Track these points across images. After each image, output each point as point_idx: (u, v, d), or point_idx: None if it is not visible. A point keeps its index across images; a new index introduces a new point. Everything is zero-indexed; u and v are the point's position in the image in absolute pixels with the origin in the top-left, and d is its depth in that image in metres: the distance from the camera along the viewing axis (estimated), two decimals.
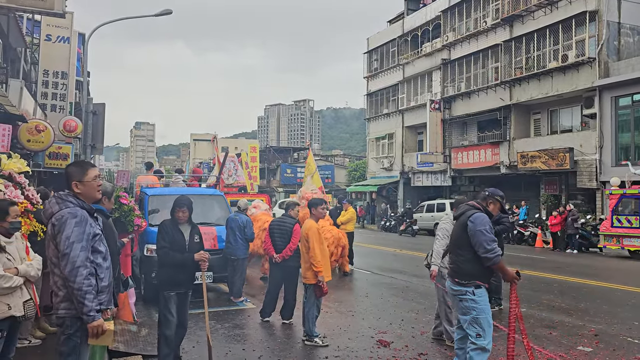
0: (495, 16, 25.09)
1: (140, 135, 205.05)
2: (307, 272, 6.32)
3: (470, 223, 4.63)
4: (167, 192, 9.97)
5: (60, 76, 15.97)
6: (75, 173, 3.30)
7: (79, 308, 3.08)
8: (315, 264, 6.19)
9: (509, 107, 24.30)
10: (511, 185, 25.33)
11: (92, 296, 3.09)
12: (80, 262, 3.07)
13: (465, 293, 4.61)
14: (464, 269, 4.66)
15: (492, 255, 4.49)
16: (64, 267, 3.08)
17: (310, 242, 6.26)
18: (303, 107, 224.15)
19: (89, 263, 3.13)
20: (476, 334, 4.55)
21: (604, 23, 20.12)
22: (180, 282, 5.22)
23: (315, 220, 6.58)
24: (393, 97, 33.84)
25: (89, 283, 3.08)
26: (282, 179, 51.56)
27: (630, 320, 7.50)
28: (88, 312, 3.06)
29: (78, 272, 3.06)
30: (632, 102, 19.38)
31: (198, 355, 5.82)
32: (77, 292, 3.05)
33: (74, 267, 3.06)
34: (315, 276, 6.22)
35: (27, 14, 15.69)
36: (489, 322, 4.58)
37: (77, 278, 3.05)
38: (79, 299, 3.06)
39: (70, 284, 3.06)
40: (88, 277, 3.09)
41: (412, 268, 12.88)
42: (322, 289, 6.26)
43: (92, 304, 3.07)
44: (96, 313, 3.10)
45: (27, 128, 12.31)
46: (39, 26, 16.65)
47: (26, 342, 5.52)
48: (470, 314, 4.59)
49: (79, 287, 3.05)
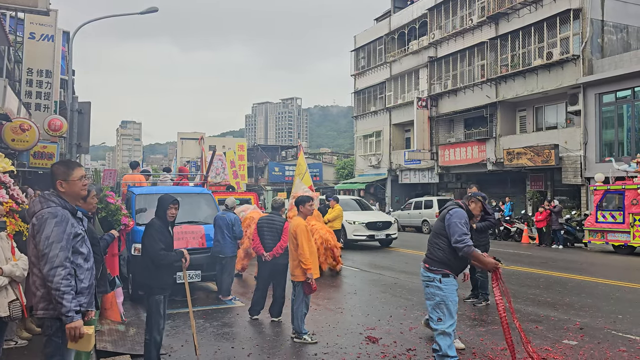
0: (481, 14, 25.26)
1: (127, 134, 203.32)
2: (296, 269, 6.33)
3: (448, 215, 5.04)
4: (154, 190, 9.92)
5: (44, 75, 15.78)
6: (60, 172, 3.28)
7: (57, 308, 3.04)
8: (305, 262, 6.21)
9: (495, 104, 24.51)
10: (497, 182, 25.58)
11: (71, 296, 3.04)
12: (58, 261, 3.04)
13: (432, 280, 4.95)
14: (436, 255, 4.99)
15: (462, 245, 4.82)
16: (42, 267, 3.04)
17: (298, 239, 6.27)
18: (291, 105, 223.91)
19: (68, 263, 3.09)
20: (437, 317, 4.90)
21: (588, 21, 20.37)
22: (170, 284, 5.22)
23: (303, 217, 6.59)
24: (380, 94, 33.94)
25: (67, 283, 3.04)
26: (270, 177, 51.46)
27: (614, 313, 7.62)
28: (66, 312, 3.02)
29: (56, 272, 3.02)
30: (616, 99, 19.66)
31: (187, 354, 5.80)
32: (55, 292, 3.01)
33: (52, 266, 3.02)
34: (304, 273, 6.24)
35: (10, 11, 15.48)
36: (450, 310, 4.88)
37: (55, 278, 3.01)
38: (57, 299, 3.02)
39: (48, 283, 3.03)
40: (67, 277, 3.05)
41: (400, 265, 12.94)
42: (310, 286, 6.27)
43: (70, 304, 3.02)
44: (75, 314, 3.05)
45: (11, 127, 12.16)
46: (22, 24, 16.42)
47: (12, 343, 5.47)
48: (434, 300, 4.92)
49: (57, 287, 3.01)
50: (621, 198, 15.38)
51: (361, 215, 17.01)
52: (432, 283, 4.93)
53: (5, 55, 16.03)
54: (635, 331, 6.63)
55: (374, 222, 16.62)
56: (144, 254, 5.10)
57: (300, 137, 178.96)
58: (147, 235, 5.09)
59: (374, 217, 17.33)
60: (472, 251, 4.83)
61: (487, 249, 8.19)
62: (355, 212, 17.34)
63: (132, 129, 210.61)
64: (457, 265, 5.02)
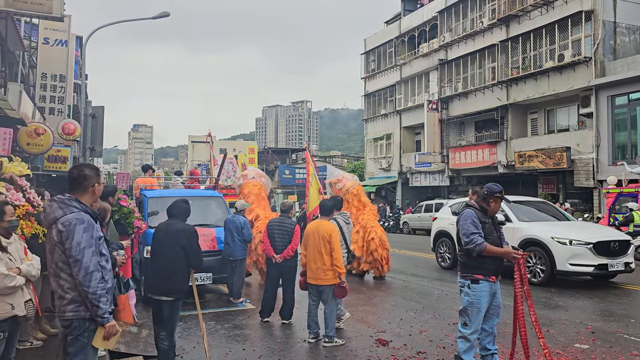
0: (492, 16, 25.19)
1: (138, 138, 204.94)
2: (327, 272, 6.22)
3: (458, 220, 5.06)
4: (166, 194, 10.02)
5: (58, 79, 16.03)
6: (94, 175, 3.41)
7: (93, 311, 3.18)
8: (340, 265, 6.19)
9: (506, 106, 24.40)
10: (509, 185, 25.38)
11: (105, 299, 3.21)
12: (93, 266, 3.17)
13: (463, 285, 4.99)
14: (463, 261, 5.03)
15: (472, 245, 4.79)
16: (77, 273, 3.15)
17: (333, 243, 6.23)
18: (301, 108, 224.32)
19: (99, 267, 3.23)
20: (463, 322, 4.96)
21: (600, 22, 20.23)
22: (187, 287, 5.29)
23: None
24: (390, 97, 33.93)
25: (102, 287, 3.20)
26: (280, 180, 51.57)
27: (627, 317, 7.56)
28: (103, 314, 3.19)
29: (92, 277, 3.16)
30: (629, 101, 19.49)
31: (198, 355, 5.86)
32: (92, 296, 3.15)
33: (88, 272, 3.15)
34: (338, 277, 6.21)
35: (25, 17, 15.72)
36: (477, 317, 4.85)
37: (92, 282, 3.15)
38: (94, 303, 3.16)
39: (84, 288, 3.15)
40: (101, 280, 3.20)
41: (410, 268, 12.93)
42: (345, 289, 6.26)
43: (106, 307, 3.21)
44: (109, 315, 3.24)
45: (26, 131, 12.37)
46: (36, 29, 16.69)
47: (27, 344, 5.56)
48: (463, 304, 4.97)
49: (94, 291, 3.15)
50: (634, 201, 15.22)
51: (577, 231, 10.43)
52: (462, 288, 4.99)
53: (20, 60, 16.29)
54: None
55: (606, 243, 9.88)
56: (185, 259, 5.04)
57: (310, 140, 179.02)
58: (192, 243, 5.09)
59: (600, 233, 10.40)
60: (485, 247, 4.77)
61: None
62: (554, 224, 10.95)
63: (144, 132, 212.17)
64: (488, 266, 4.88)
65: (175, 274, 5.00)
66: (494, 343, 5.11)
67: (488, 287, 4.90)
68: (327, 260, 6.22)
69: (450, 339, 6.45)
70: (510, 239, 10.03)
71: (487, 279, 4.89)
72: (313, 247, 6.34)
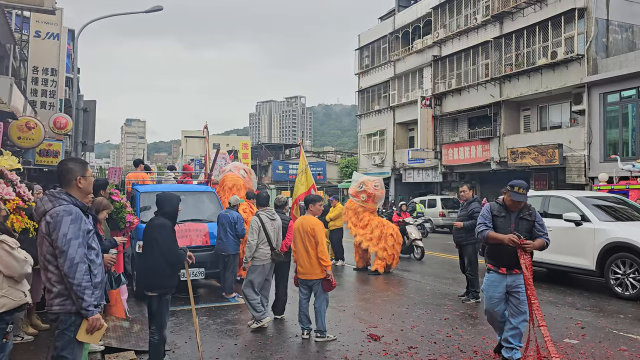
0: (486, 13, 25.23)
1: (131, 132, 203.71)
2: (315, 267, 6.28)
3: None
4: (158, 189, 9.99)
5: (50, 73, 15.89)
6: (78, 168, 3.40)
7: (77, 303, 3.16)
8: (325, 259, 6.25)
9: (499, 103, 24.48)
10: (501, 181, 25.48)
11: (90, 291, 3.18)
12: (79, 258, 3.15)
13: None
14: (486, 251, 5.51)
15: (478, 235, 5.33)
16: (62, 264, 3.14)
17: (317, 237, 6.29)
18: (294, 104, 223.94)
19: (86, 259, 3.21)
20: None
21: (593, 20, 20.31)
22: (177, 283, 5.26)
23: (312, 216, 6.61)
24: (384, 93, 33.93)
25: (87, 279, 3.18)
26: (273, 176, 51.54)
27: (616, 313, 7.63)
28: (87, 307, 3.16)
29: (77, 268, 3.14)
30: (620, 99, 19.60)
31: (190, 350, 5.87)
32: (77, 288, 3.13)
33: (73, 263, 3.13)
34: (324, 271, 6.26)
35: (16, 10, 15.58)
36: (487, 302, 5.36)
37: (76, 274, 3.13)
38: (78, 295, 3.14)
39: (69, 280, 3.13)
40: (87, 272, 3.18)
41: (402, 263, 12.98)
42: (331, 282, 6.31)
43: (90, 299, 3.17)
44: (94, 308, 3.20)
45: (17, 125, 12.28)
46: (28, 22, 16.54)
47: (19, 339, 5.54)
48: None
49: (79, 282, 3.13)
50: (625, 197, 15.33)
51: None
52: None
53: (11, 53, 16.15)
54: (636, 330, 6.64)
55: None
56: (160, 255, 4.95)
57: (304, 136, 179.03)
58: (163, 237, 4.96)
59: None
60: (486, 234, 5.19)
61: (478, 247, 8.41)
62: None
63: (137, 126, 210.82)
64: (497, 257, 5.26)
65: (156, 269, 4.96)
66: (520, 340, 5.25)
67: (497, 278, 5.25)
68: (313, 255, 6.29)
69: (441, 334, 6.49)
70: (588, 243, 8.92)
71: (496, 270, 5.26)
72: (300, 243, 6.41)
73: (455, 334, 6.50)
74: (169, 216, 5.13)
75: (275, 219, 7.00)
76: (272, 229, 6.88)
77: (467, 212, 8.49)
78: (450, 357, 5.59)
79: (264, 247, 6.78)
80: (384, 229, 11.64)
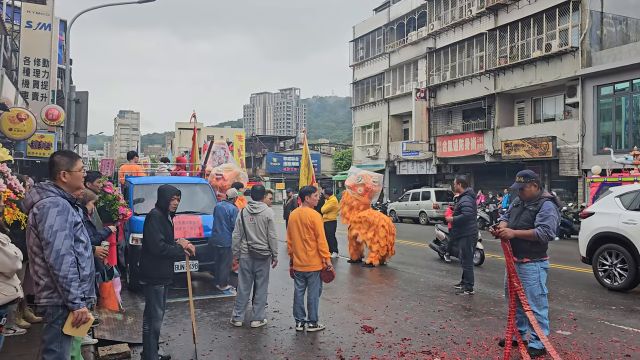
0: (481, 5, 25.18)
1: (125, 124, 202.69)
2: (313, 259, 6.29)
3: None
4: (152, 180, 9.94)
5: (41, 64, 15.72)
6: (64, 162, 3.34)
7: (64, 296, 3.12)
8: (325, 250, 6.27)
9: (494, 96, 24.51)
10: (495, 174, 25.64)
11: (77, 284, 3.14)
12: (64, 250, 3.11)
13: None
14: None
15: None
16: (48, 256, 3.10)
17: (317, 229, 6.29)
18: (289, 96, 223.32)
19: (72, 251, 3.17)
20: None
21: (587, 12, 20.33)
22: (170, 274, 5.22)
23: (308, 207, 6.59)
24: (379, 85, 33.89)
25: (74, 271, 3.13)
26: (268, 168, 51.47)
27: (608, 304, 7.69)
28: (73, 299, 3.12)
29: (63, 260, 3.10)
30: (614, 91, 19.67)
31: (184, 342, 5.86)
32: (63, 280, 3.09)
33: (59, 255, 3.09)
34: (324, 262, 6.29)
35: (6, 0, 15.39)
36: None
37: (62, 266, 3.09)
38: (64, 287, 3.10)
39: (55, 272, 3.09)
40: (73, 264, 3.13)
41: (397, 256, 13.00)
42: (331, 273, 6.35)
43: (77, 292, 3.13)
44: (81, 301, 3.16)
45: (8, 116, 12.17)
46: (19, 13, 16.34)
47: (11, 332, 5.52)
48: None
49: (65, 274, 3.09)
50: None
51: None
52: None
53: (2, 44, 15.94)
54: (627, 322, 6.70)
55: None
56: (144, 244, 5.06)
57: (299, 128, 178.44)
58: (147, 226, 5.02)
59: None
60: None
61: (472, 239, 8.45)
62: None
63: (130, 118, 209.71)
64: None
65: (144, 259, 5.06)
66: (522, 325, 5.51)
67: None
68: (313, 246, 6.28)
69: (435, 325, 6.52)
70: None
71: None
72: (297, 235, 6.37)
73: (448, 325, 6.53)
74: (161, 207, 5.13)
75: (257, 213, 6.71)
76: (250, 223, 6.73)
77: (457, 207, 8.62)
78: (443, 348, 5.61)
79: (243, 241, 6.76)
80: (376, 221, 11.67)
